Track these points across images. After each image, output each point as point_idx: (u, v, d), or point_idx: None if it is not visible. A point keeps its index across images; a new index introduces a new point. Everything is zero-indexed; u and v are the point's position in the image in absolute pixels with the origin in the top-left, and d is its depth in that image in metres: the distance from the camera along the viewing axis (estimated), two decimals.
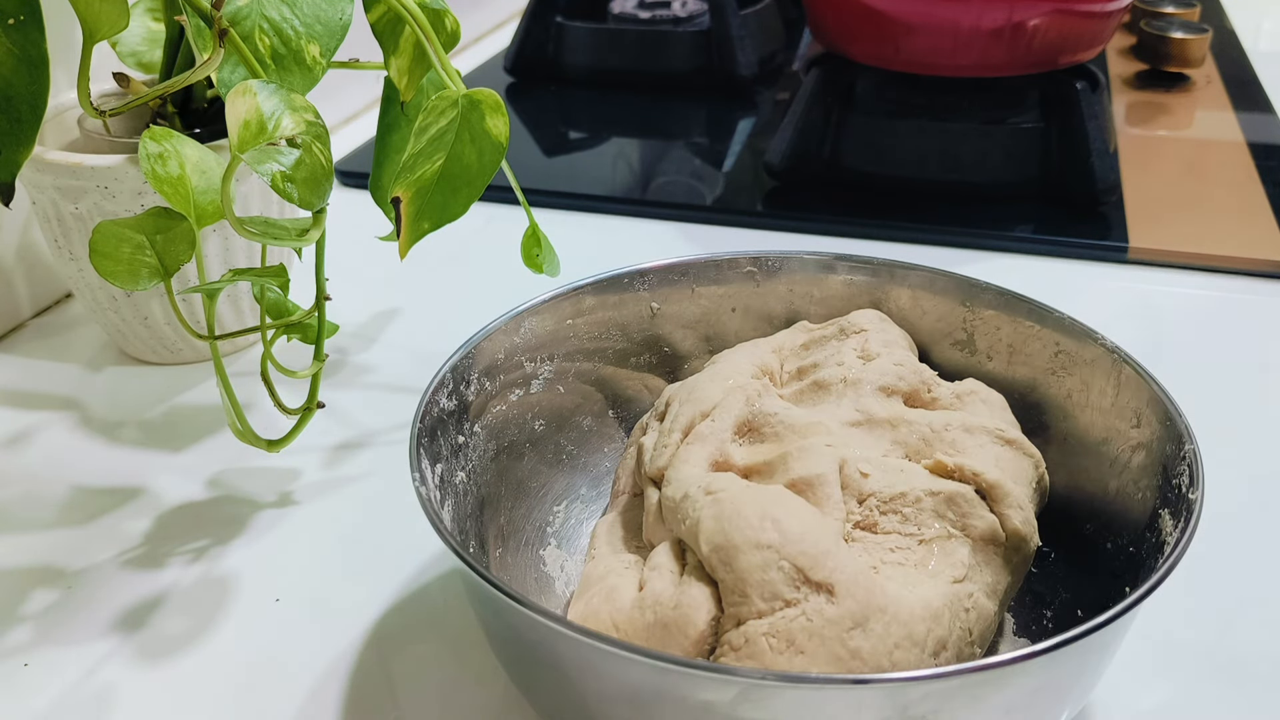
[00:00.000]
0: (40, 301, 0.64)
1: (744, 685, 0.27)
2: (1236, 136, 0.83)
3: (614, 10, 0.98)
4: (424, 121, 0.45)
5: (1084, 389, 0.40)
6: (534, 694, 0.34)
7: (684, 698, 0.29)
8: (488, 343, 0.42)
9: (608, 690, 0.30)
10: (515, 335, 0.43)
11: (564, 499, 0.44)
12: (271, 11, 0.44)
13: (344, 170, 0.77)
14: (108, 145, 0.54)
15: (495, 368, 0.42)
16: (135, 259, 0.43)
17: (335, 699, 0.39)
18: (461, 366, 0.40)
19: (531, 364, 0.43)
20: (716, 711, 0.28)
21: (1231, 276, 0.66)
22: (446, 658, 0.41)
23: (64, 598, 0.44)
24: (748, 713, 0.28)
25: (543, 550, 0.42)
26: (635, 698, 0.29)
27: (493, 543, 0.40)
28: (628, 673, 0.29)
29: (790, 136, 0.76)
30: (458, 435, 0.40)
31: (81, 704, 0.39)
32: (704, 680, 0.28)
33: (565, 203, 0.75)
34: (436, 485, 0.36)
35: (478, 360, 0.41)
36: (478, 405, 0.41)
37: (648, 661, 0.28)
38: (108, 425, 0.54)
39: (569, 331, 0.44)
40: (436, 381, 0.39)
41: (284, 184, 0.39)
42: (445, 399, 0.39)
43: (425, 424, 0.37)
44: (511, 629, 0.32)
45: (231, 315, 0.58)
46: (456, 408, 0.40)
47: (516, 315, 0.43)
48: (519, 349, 0.43)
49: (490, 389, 0.42)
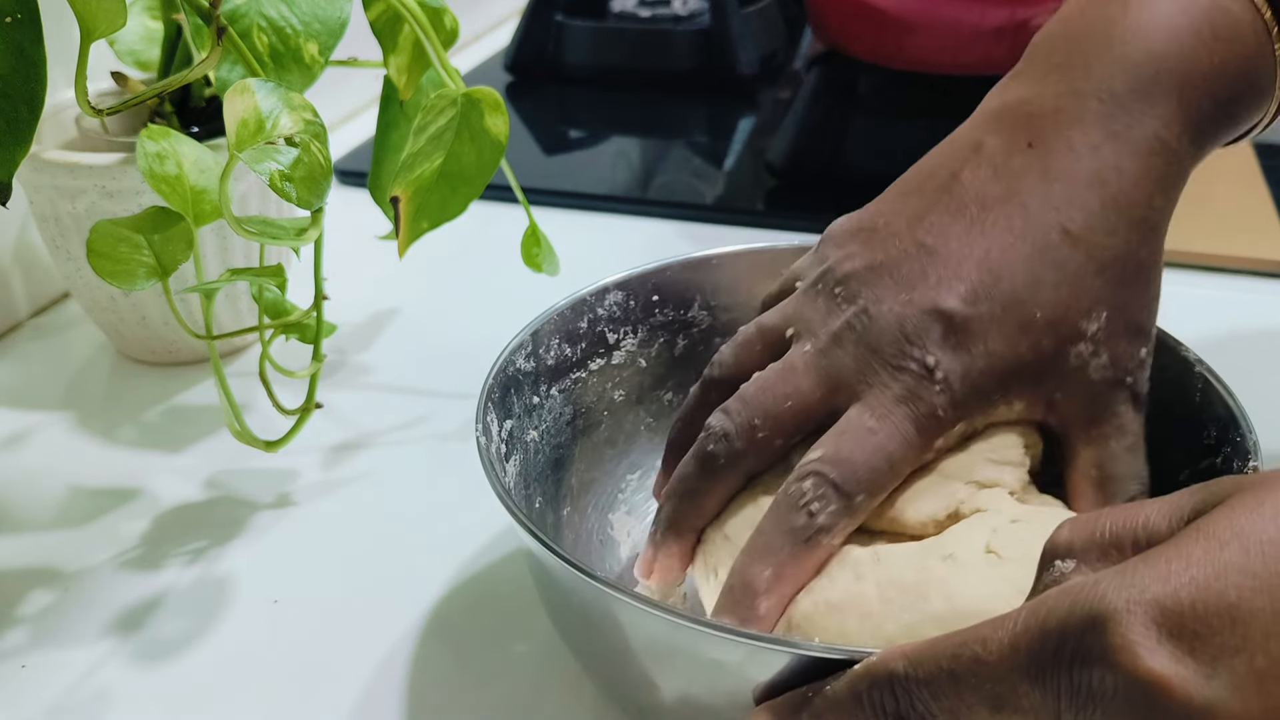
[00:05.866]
0: (38, 301, 0.63)
1: (750, 648, 0.29)
2: None
3: (614, 9, 0.98)
4: (423, 120, 0.45)
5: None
6: (573, 645, 0.36)
7: (695, 653, 0.30)
8: (570, 311, 0.43)
9: (628, 641, 0.32)
10: (599, 306, 0.44)
11: (639, 469, 0.45)
12: (270, 10, 0.44)
13: (342, 169, 0.77)
14: (105, 144, 0.54)
15: (577, 335, 0.43)
16: (133, 258, 0.42)
17: (335, 700, 0.39)
18: (543, 332, 0.42)
19: (614, 335, 0.44)
20: (725, 670, 0.30)
21: (1235, 276, 0.66)
22: (446, 658, 0.41)
23: (62, 599, 0.43)
24: (753, 673, 0.29)
25: (612, 514, 0.43)
26: (652, 649, 0.31)
27: (562, 501, 0.42)
28: (647, 625, 0.31)
29: (791, 135, 0.76)
30: (533, 396, 0.41)
31: (80, 705, 0.39)
32: (713, 639, 0.29)
33: (565, 202, 0.75)
34: (504, 440, 0.39)
35: (559, 327, 0.42)
36: (557, 370, 0.42)
37: (663, 617, 0.29)
38: (105, 426, 0.54)
39: (654, 307, 0.45)
40: (515, 343, 0.41)
41: (282, 183, 0.38)
42: (523, 360, 0.41)
43: (498, 380, 0.39)
44: (545, 572, 0.34)
45: (229, 315, 0.57)
46: (534, 369, 0.41)
47: (602, 287, 0.44)
48: (602, 319, 0.44)
49: (571, 355, 0.43)
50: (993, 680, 0.25)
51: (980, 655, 0.25)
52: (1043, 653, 0.24)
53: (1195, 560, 0.23)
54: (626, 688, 0.35)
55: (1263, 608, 0.22)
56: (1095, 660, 0.23)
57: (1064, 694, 0.24)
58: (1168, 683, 0.22)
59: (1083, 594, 0.24)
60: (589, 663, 0.36)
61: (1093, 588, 0.24)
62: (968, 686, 0.25)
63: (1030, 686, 0.24)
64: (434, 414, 0.54)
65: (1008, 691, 0.25)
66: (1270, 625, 0.22)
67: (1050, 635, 0.24)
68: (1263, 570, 0.23)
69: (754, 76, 0.93)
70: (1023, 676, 0.24)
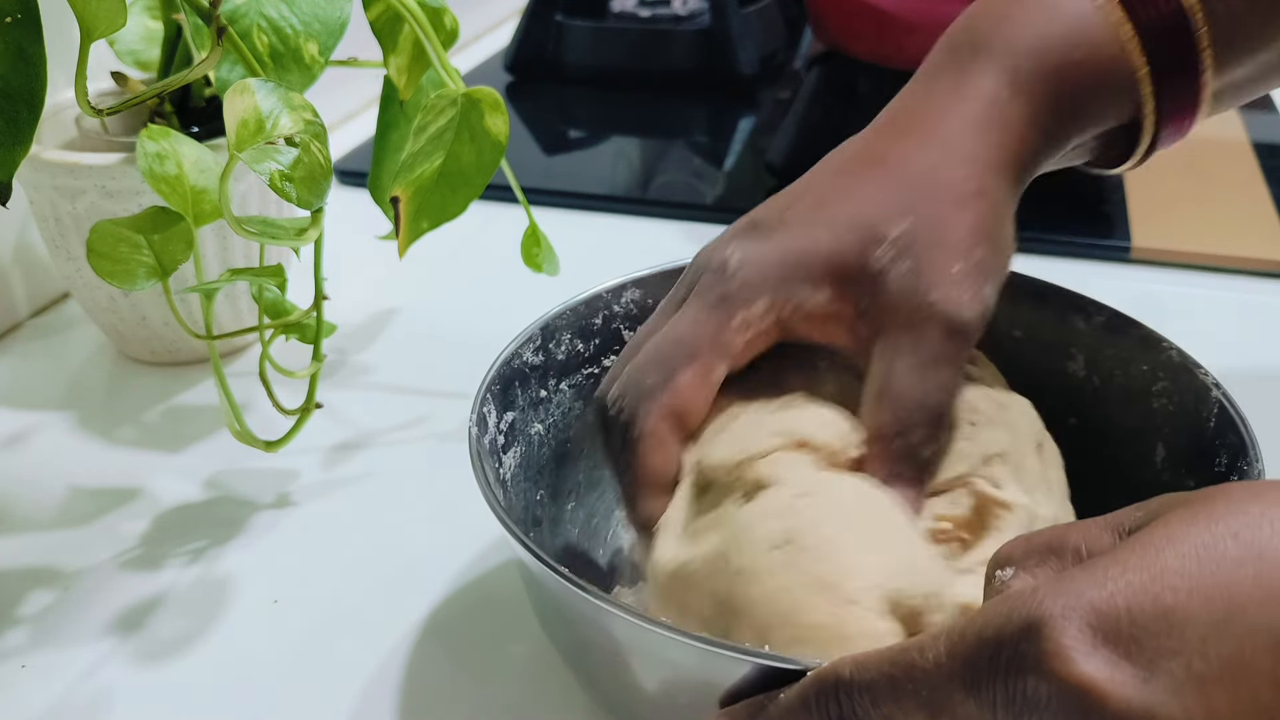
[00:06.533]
0: (38, 301, 0.63)
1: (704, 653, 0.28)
2: (1240, 136, 0.83)
3: (614, 9, 0.98)
4: (423, 120, 0.45)
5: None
6: (556, 644, 0.36)
7: (654, 655, 0.30)
8: (585, 307, 0.43)
9: (602, 642, 0.32)
10: (615, 304, 0.43)
11: None
12: (270, 10, 0.44)
13: (342, 169, 0.77)
14: (105, 144, 0.54)
15: (591, 331, 0.43)
16: (133, 258, 0.42)
17: (335, 700, 0.39)
18: (553, 326, 0.42)
19: (630, 333, 0.44)
20: (692, 675, 0.30)
21: (1235, 276, 0.66)
22: (444, 659, 0.41)
23: (61, 599, 0.43)
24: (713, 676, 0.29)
25: (619, 511, 0.43)
26: (616, 649, 0.31)
27: (566, 496, 0.42)
28: (612, 625, 0.30)
29: (792, 135, 0.76)
30: (540, 389, 0.41)
31: (79, 706, 0.39)
32: (670, 641, 0.29)
33: (565, 202, 0.75)
34: (501, 431, 0.39)
35: (571, 322, 0.42)
36: (568, 364, 0.42)
37: (626, 616, 0.29)
38: (105, 426, 0.54)
39: None
40: (524, 336, 0.41)
41: (282, 183, 0.38)
42: (531, 354, 0.41)
43: (501, 373, 0.39)
44: (524, 569, 0.34)
45: (229, 315, 0.57)
46: (543, 363, 0.41)
47: (619, 285, 0.44)
48: (618, 316, 0.44)
49: (584, 351, 0.43)
50: (929, 688, 0.25)
51: (917, 662, 0.25)
52: (978, 660, 0.24)
53: (1131, 566, 0.23)
54: (605, 686, 0.34)
55: (1199, 609, 0.22)
56: (1030, 668, 0.23)
57: (999, 703, 0.24)
58: (1101, 688, 0.22)
59: (1019, 602, 0.24)
60: (565, 654, 0.36)
61: (1030, 596, 0.24)
62: (905, 693, 0.25)
63: (966, 695, 0.24)
64: (434, 414, 0.54)
65: (944, 699, 0.24)
66: (1206, 628, 0.22)
67: (986, 644, 0.24)
68: (1198, 572, 0.22)
69: (754, 76, 0.93)
70: (959, 685, 0.24)
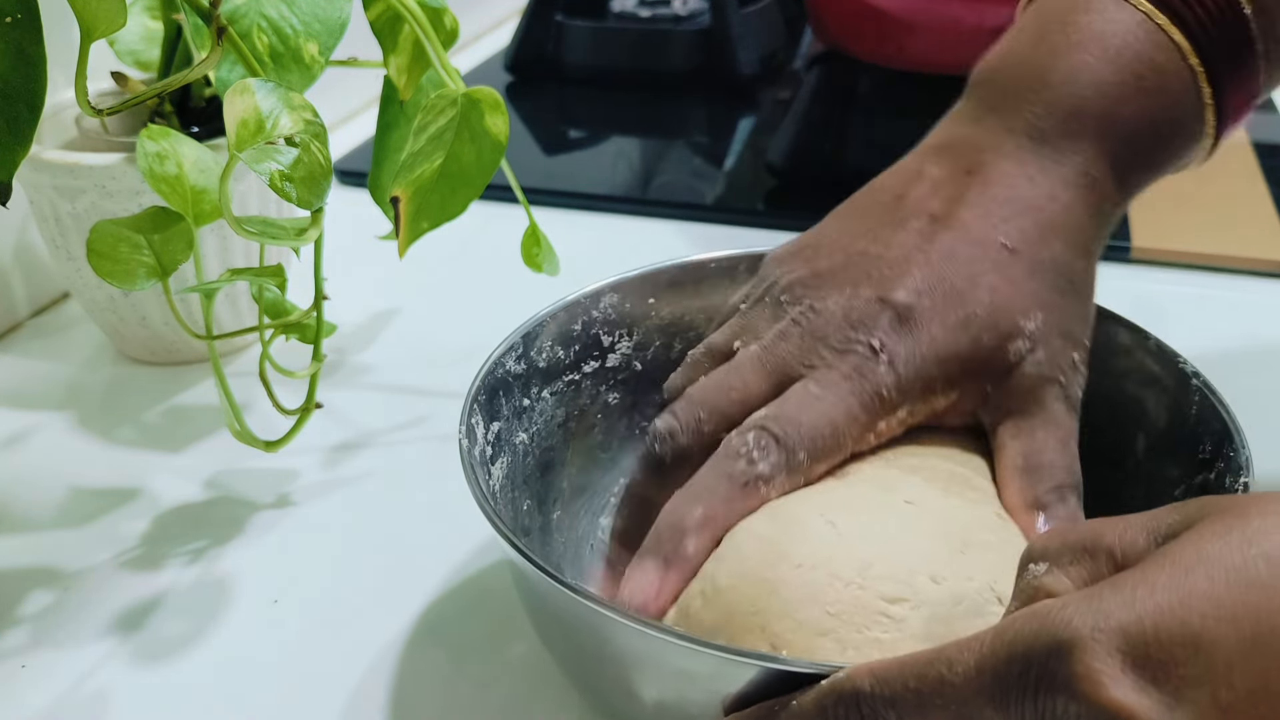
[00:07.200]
0: (37, 301, 0.63)
1: (720, 660, 0.28)
2: (1240, 135, 0.83)
3: (614, 9, 0.98)
4: (423, 120, 0.45)
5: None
6: (550, 648, 0.36)
7: (667, 663, 0.30)
8: (564, 313, 0.42)
9: (600, 648, 0.31)
10: (594, 309, 0.43)
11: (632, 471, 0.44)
12: (270, 9, 0.44)
13: (343, 169, 0.77)
14: (105, 144, 0.54)
15: (570, 338, 0.43)
16: (133, 259, 0.42)
17: (334, 700, 0.39)
18: (534, 334, 0.41)
19: (609, 338, 0.44)
20: (697, 680, 0.29)
21: (1235, 276, 0.66)
22: (441, 660, 0.41)
23: (61, 599, 0.43)
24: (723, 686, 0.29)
25: (603, 519, 0.43)
26: (623, 657, 0.31)
27: (552, 505, 0.41)
28: (616, 633, 0.30)
29: (792, 135, 0.76)
30: (523, 398, 0.41)
31: (79, 706, 0.39)
32: (684, 650, 0.29)
33: (565, 202, 0.75)
34: (489, 442, 0.38)
35: (551, 329, 0.42)
36: (549, 372, 0.42)
37: (631, 625, 0.29)
38: (105, 426, 0.54)
39: (650, 310, 0.45)
40: (505, 345, 0.40)
41: (282, 183, 0.38)
42: (513, 362, 0.41)
43: (485, 383, 0.39)
44: (521, 577, 0.34)
45: (229, 315, 0.57)
46: (525, 372, 0.41)
47: (597, 290, 0.43)
48: (597, 322, 0.43)
49: (564, 358, 0.43)
50: (957, 703, 0.25)
51: (945, 677, 0.25)
52: (1008, 677, 0.24)
53: (1160, 586, 0.23)
54: (602, 692, 0.34)
55: (1226, 636, 0.22)
56: (1060, 688, 0.23)
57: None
58: (1131, 713, 0.22)
59: (1049, 618, 0.24)
60: (564, 665, 0.36)
61: (1060, 612, 0.24)
62: (932, 708, 0.25)
63: (994, 711, 0.24)
64: (434, 414, 0.54)
65: (972, 714, 0.24)
66: (1233, 655, 0.22)
67: (1016, 660, 0.24)
68: (1227, 597, 0.22)
69: (754, 76, 0.93)
70: (987, 701, 0.24)
